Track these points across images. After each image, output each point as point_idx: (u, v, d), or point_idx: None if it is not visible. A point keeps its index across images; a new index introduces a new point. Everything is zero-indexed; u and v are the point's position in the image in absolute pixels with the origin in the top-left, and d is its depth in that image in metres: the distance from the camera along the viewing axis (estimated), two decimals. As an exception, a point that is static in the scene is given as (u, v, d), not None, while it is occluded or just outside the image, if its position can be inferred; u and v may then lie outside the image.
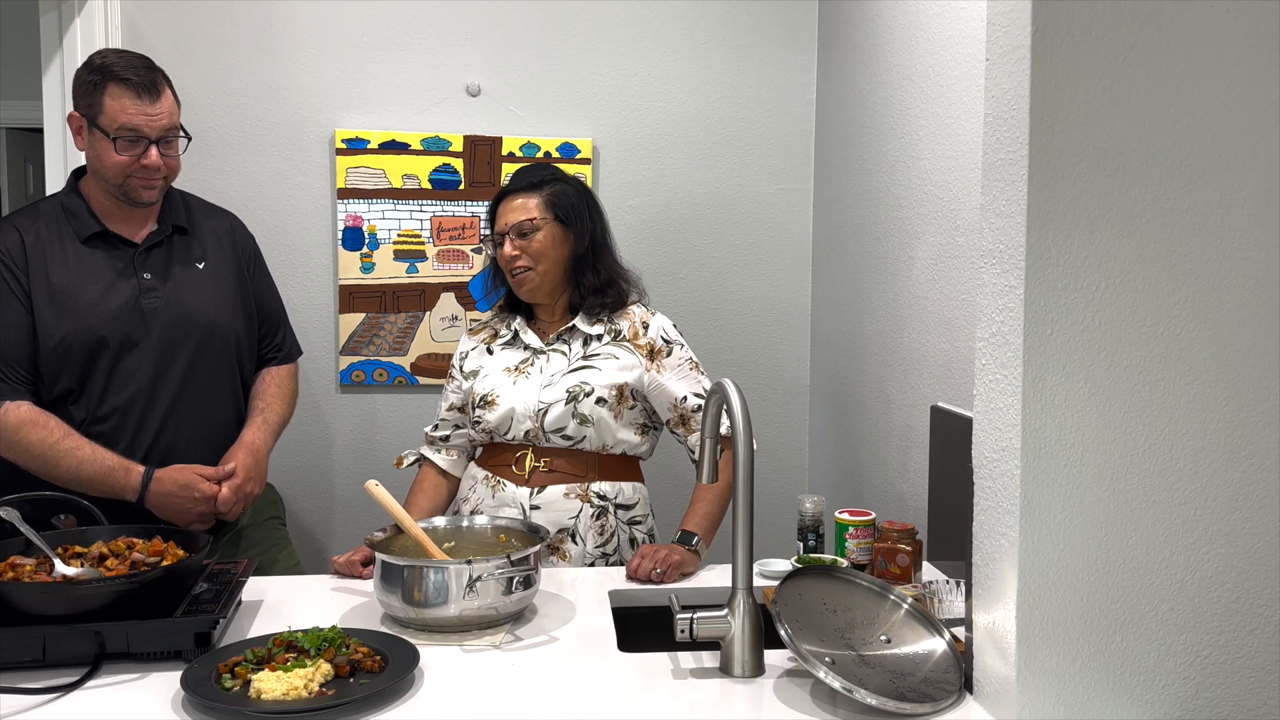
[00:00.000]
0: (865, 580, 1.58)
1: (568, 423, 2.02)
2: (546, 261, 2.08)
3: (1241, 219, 1.26)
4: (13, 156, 4.95)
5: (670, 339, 2.12)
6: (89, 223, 2.05)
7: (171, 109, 2.02)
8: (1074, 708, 1.28)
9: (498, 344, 2.17)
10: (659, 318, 2.14)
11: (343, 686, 1.38)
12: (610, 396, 2.04)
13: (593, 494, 2.04)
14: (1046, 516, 1.26)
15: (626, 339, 2.09)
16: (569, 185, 2.14)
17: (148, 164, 1.99)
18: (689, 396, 2.08)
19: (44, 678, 1.41)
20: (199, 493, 2.00)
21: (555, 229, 2.08)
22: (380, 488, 1.79)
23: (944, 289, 2.10)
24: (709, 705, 1.43)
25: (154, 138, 1.99)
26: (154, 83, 1.99)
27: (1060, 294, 1.25)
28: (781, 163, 2.98)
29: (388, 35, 2.80)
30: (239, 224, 2.29)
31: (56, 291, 2.00)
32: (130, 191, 2.02)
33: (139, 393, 2.04)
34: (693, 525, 2.00)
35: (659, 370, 2.08)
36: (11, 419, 1.97)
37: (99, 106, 1.97)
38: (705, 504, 2.04)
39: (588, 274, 2.12)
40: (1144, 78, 1.24)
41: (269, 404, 2.23)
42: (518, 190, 2.11)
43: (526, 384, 2.08)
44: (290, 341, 2.36)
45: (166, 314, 2.06)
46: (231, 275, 2.19)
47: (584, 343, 2.10)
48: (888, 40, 2.40)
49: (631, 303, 2.16)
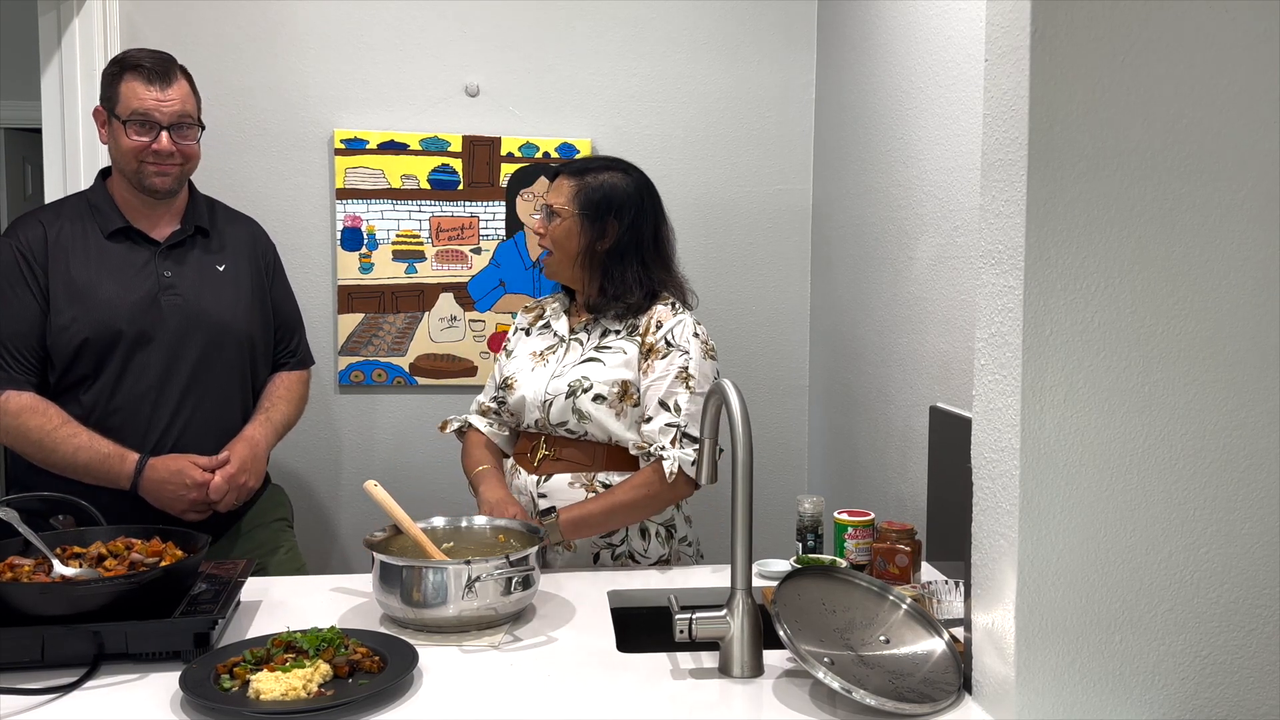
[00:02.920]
0: (864, 580, 1.58)
1: (568, 417, 2.02)
2: (560, 251, 2.07)
3: (1241, 219, 1.26)
4: (11, 157, 4.94)
5: (674, 343, 2.01)
6: (113, 218, 2.09)
7: (185, 96, 2.06)
8: (1073, 708, 1.28)
9: (537, 326, 2.19)
10: (680, 320, 2.04)
11: (341, 687, 1.38)
12: (611, 393, 2.01)
13: (598, 483, 2.01)
14: (1045, 517, 1.26)
15: (639, 334, 2.06)
16: (618, 182, 2.08)
17: (159, 149, 2.03)
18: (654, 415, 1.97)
19: (43, 678, 1.41)
20: (190, 479, 2.00)
21: (576, 222, 2.05)
22: (379, 488, 1.79)
23: (943, 289, 2.10)
24: (708, 705, 1.43)
25: (165, 123, 2.03)
26: (167, 70, 2.04)
27: (1059, 294, 1.25)
28: (780, 163, 2.98)
29: (387, 35, 2.80)
30: (261, 232, 2.32)
31: (76, 285, 2.03)
32: (144, 178, 2.05)
33: (150, 388, 2.07)
34: (565, 511, 1.94)
35: (645, 372, 2.01)
36: (13, 405, 1.99)
37: (115, 96, 2.04)
38: (595, 503, 1.96)
39: (610, 274, 2.07)
40: (1143, 78, 1.24)
41: (274, 404, 2.25)
42: (568, 171, 2.11)
43: (543, 372, 2.08)
44: (305, 349, 2.39)
45: (183, 312, 2.09)
46: (250, 280, 2.21)
47: (601, 334, 2.08)
48: (887, 40, 2.40)
49: (662, 300, 2.08)
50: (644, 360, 2.03)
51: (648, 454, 1.96)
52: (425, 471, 2.87)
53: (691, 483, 1.95)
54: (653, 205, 2.12)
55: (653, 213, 2.11)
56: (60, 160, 2.63)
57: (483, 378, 2.87)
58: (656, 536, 2.05)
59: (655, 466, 1.94)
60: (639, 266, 2.08)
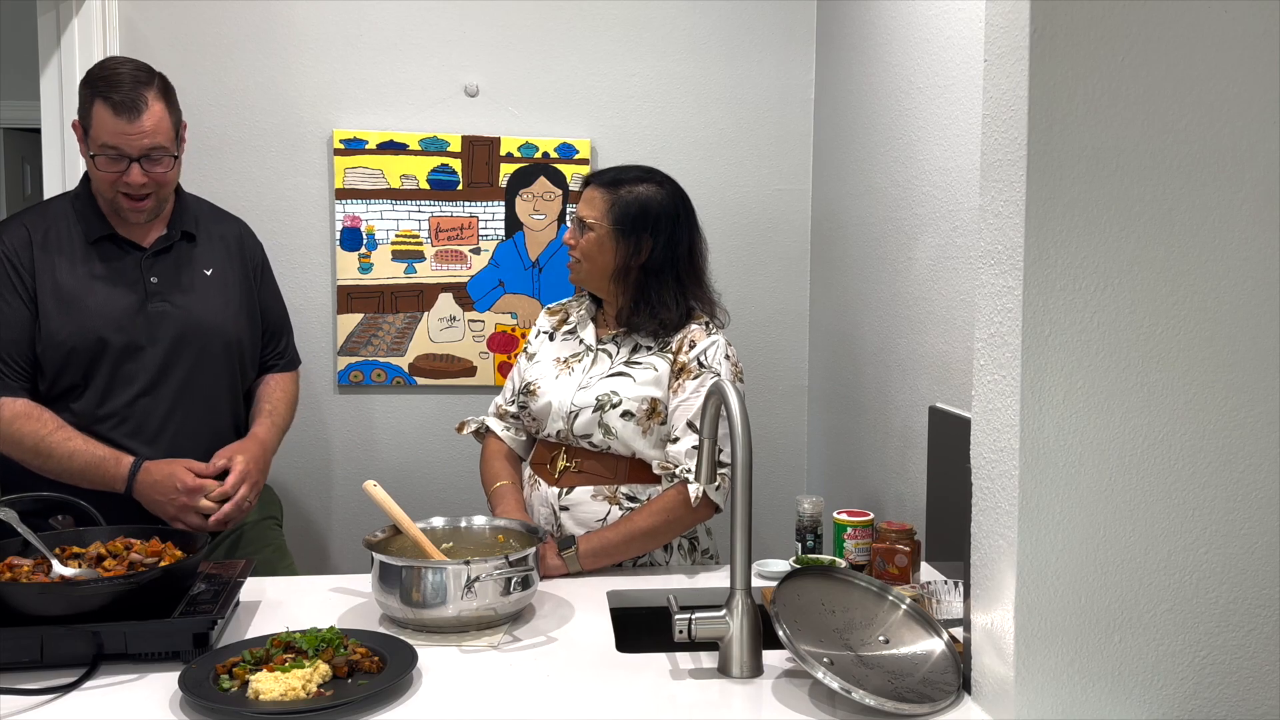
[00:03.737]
0: (864, 581, 1.58)
1: (594, 430, 1.98)
2: (591, 263, 2.03)
3: (1241, 219, 1.26)
4: (10, 157, 4.95)
5: (706, 364, 1.97)
6: (98, 225, 2.07)
7: (156, 124, 1.97)
8: (1072, 708, 1.28)
9: (561, 331, 2.15)
10: (714, 340, 1.99)
11: (341, 687, 1.38)
12: (640, 410, 1.96)
13: (621, 495, 1.99)
14: (1045, 517, 1.26)
15: (671, 351, 2.01)
16: (654, 191, 2.03)
17: (130, 180, 1.98)
18: (681, 436, 1.94)
19: (42, 678, 1.41)
20: (180, 483, 1.96)
21: (609, 237, 2.01)
22: (379, 488, 1.79)
23: (943, 289, 2.10)
24: (707, 706, 1.43)
25: (135, 155, 1.97)
26: (135, 101, 1.94)
27: (1059, 294, 1.25)
28: (780, 163, 2.97)
29: (386, 35, 2.80)
30: (248, 231, 2.30)
31: (63, 292, 2.01)
32: (119, 209, 2.04)
33: (140, 395, 2.05)
34: (585, 540, 1.91)
35: (675, 392, 1.97)
36: (6, 413, 1.99)
37: (88, 121, 1.98)
38: (615, 530, 1.92)
39: (645, 292, 2.02)
40: (1143, 78, 1.23)
41: (275, 406, 2.24)
42: (601, 182, 2.06)
43: (568, 380, 2.04)
44: (293, 350, 2.38)
45: (172, 319, 2.08)
46: (238, 282, 2.20)
47: (633, 349, 2.04)
48: (886, 40, 2.40)
49: (696, 319, 2.04)
50: (675, 379, 1.99)
51: (672, 475, 1.93)
52: (425, 472, 2.87)
53: (714, 507, 1.93)
54: (688, 219, 2.07)
55: (688, 227, 2.06)
56: (59, 160, 2.63)
57: (482, 378, 2.87)
58: (679, 549, 2.04)
59: (679, 489, 1.91)
60: (674, 283, 2.03)
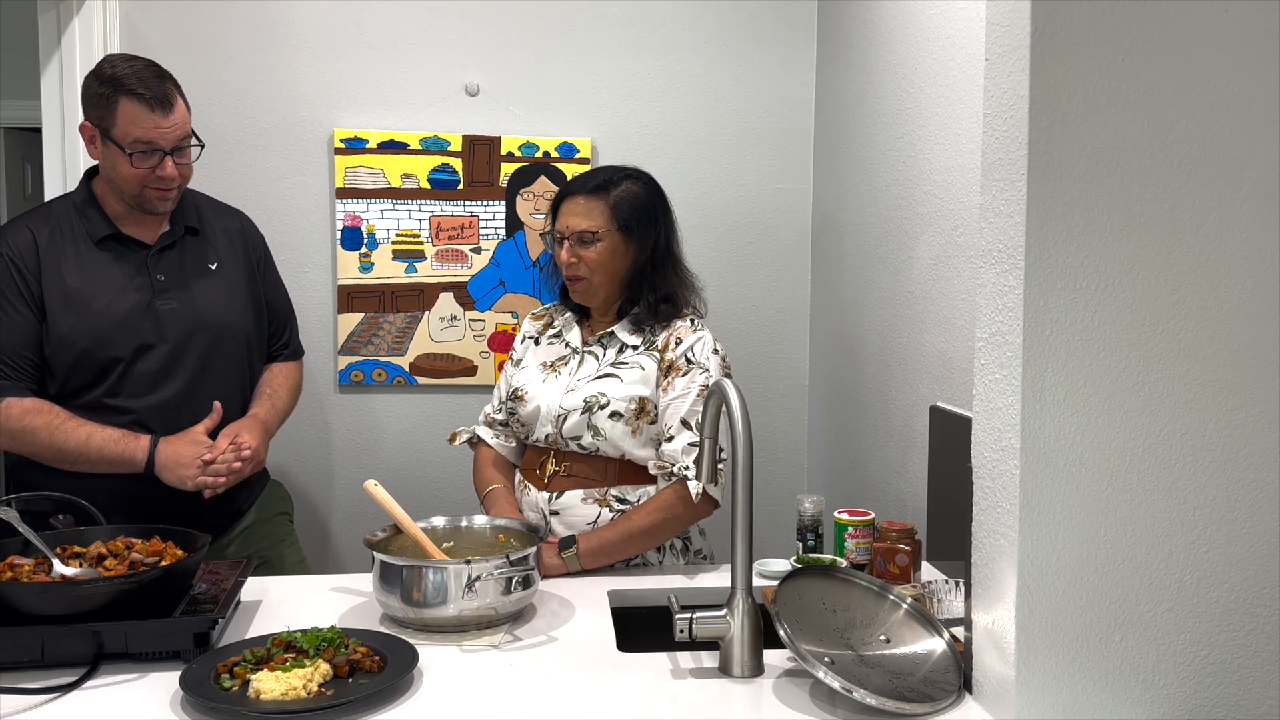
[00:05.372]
0: (864, 580, 1.58)
1: (583, 433, 1.97)
2: (603, 273, 2.01)
3: (1241, 219, 1.26)
4: (11, 157, 4.94)
5: (694, 360, 1.97)
6: (102, 225, 2.07)
7: (183, 119, 2.03)
8: (1073, 708, 1.28)
9: (546, 335, 2.15)
10: (700, 337, 2.00)
11: (342, 686, 1.38)
12: (628, 410, 1.96)
13: (611, 498, 1.98)
14: (1046, 516, 1.26)
15: (658, 349, 2.00)
16: (640, 187, 2.05)
17: (163, 175, 2.00)
18: (675, 434, 1.93)
19: (43, 678, 1.41)
20: (197, 437, 2.01)
21: (617, 240, 2.00)
22: (379, 488, 1.79)
23: (943, 289, 2.10)
24: (708, 705, 1.43)
25: (168, 149, 2.00)
26: (165, 95, 1.99)
27: (1060, 294, 1.25)
28: (780, 162, 2.97)
29: (386, 35, 2.80)
30: (249, 223, 2.31)
31: (71, 294, 2.02)
32: (145, 202, 2.04)
33: (151, 392, 2.06)
34: (584, 539, 1.91)
35: (665, 390, 1.96)
36: (15, 410, 1.99)
37: (111, 119, 1.97)
38: (614, 529, 1.92)
39: (645, 286, 2.03)
40: (1143, 78, 1.24)
41: (276, 391, 2.26)
42: (584, 191, 2.01)
43: (555, 384, 2.03)
44: (296, 340, 2.40)
45: (180, 316, 2.08)
46: (243, 276, 2.21)
47: (619, 349, 2.03)
48: (887, 40, 2.40)
49: (684, 315, 2.05)
50: (664, 377, 1.98)
51: (669, 474, 1.92)
52: (425, 471, 2.87)
53: (713, 503, 1.93)
54: (667, 204, 2.11)
55: (668, 210, 2.10)
56: (60, 160, 2.63)
57: (483, 377, 2.87)
58: (671, 550, 2.03)
59: (678, 487, 1.91)
60: (671, 270, 2.07)
